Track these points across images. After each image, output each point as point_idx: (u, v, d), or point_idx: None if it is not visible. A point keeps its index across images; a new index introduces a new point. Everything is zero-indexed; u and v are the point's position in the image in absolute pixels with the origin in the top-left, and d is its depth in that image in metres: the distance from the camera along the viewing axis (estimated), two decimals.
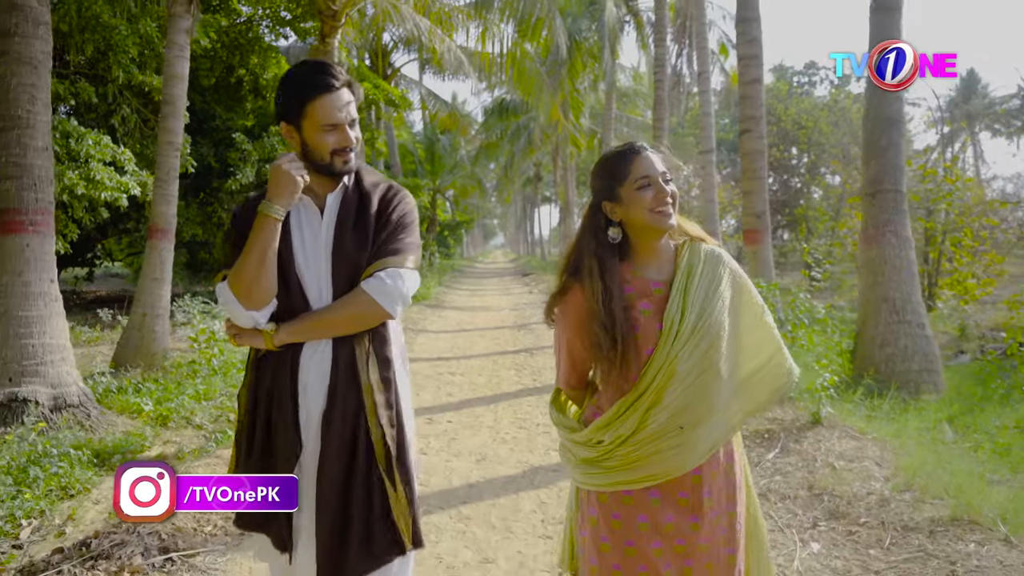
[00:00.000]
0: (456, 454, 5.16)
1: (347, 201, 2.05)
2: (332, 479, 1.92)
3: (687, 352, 1.80)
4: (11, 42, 5.40)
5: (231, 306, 1.94)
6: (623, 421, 1.83)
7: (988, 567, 3.04)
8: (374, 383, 1.97)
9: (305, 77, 1.94)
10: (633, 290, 1.90)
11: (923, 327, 6.82)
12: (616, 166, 1.91)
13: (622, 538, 1.86)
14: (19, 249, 5.32)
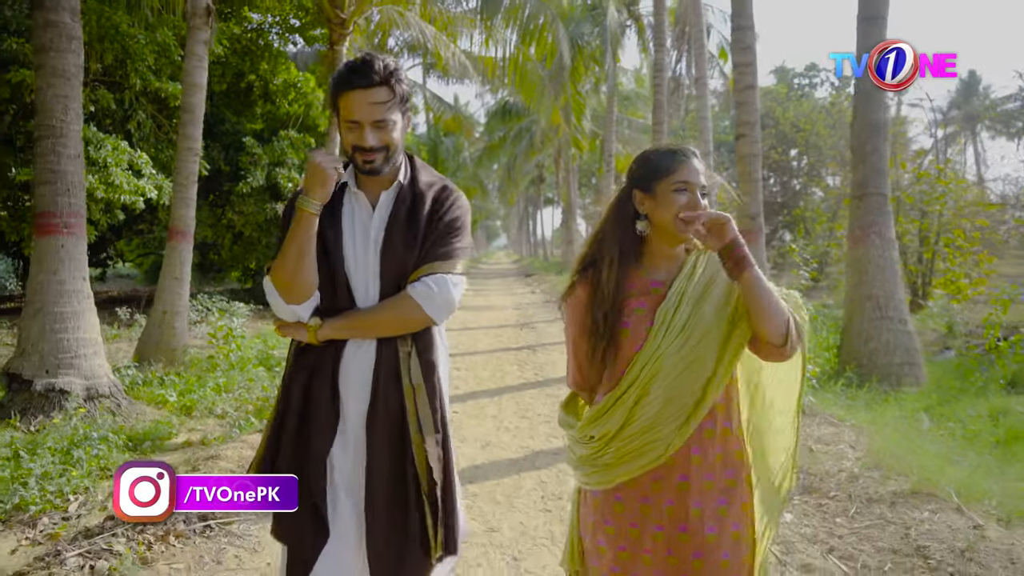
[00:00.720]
0: (463, 440, 5.53)
1: (400, 199, 2.03)
2: (380, 484, 1.92)
3: (675, 347, 1.82)
4: (47, 56, 5.78)
5: (273, 299, 1.95)
6: (609, 416, 1.85)
7: (938, 530, 3.41)
8: (416, 386, 1.96)
9: (343, 71, 1.94)
10: (634, 287, 1.91)
11: (905, 323, 7.18)
12: (663, 161, 1.89)
13: (616, 542, 1.86)
14: (54, 249, 5.71)
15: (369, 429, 1.94)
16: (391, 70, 1.92)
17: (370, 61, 1.90)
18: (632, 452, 1.83)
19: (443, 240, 1.99)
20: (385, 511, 1.91)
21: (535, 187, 48.07)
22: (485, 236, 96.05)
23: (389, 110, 1.92)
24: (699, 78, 13.16)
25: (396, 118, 1.95)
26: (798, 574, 3.15)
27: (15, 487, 3.95)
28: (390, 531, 1.91)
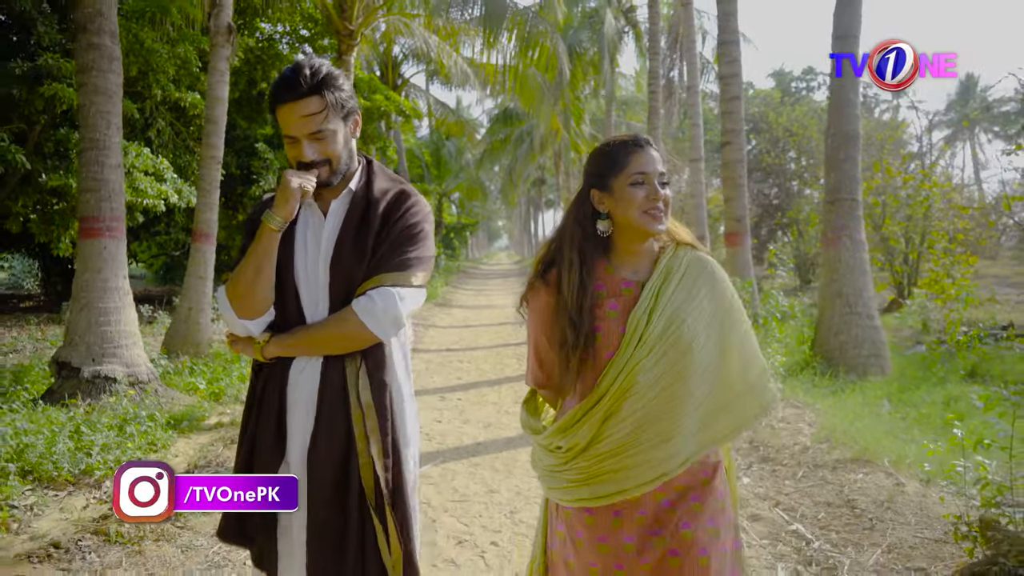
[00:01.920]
0: (466, 422, 6.16)
1: (353, 208, 1.93)
2: (321, 505, 1.83)
3: (651, 361, 1.70)
4: (90, 76, 6.41)
5: (226, 312, 1.88)
6: (579, 428, 1.75)
7: (867, 488, 4.03)
8: (365, 407, 1.85)
9: (274, 84, 1.85)
10: (603, 288, 1.81)
11: (872, 318, 7.80)
12: (614, 155, 1.81)
13: (585, 558, 1.79)
14: (98, 251, 6.33)
15: (311, 452, 1.85)
16: (321, 77, 1.81)
17: (296, 71, 1.80)
18: (600, 475, 1.74)
19: (397, 249, 1.87)
20: (327, 536, 1.83)
21: (536, 189, 48.75)
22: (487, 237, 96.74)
23: (325, 120, 1.83)
24: (691, 86, 13.78)
25: (335, 127, 1.86)
26: (748, 523, 3.76)
27: (80, 456, 4.57)
28: (330, 558, 1.82)
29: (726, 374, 1.77)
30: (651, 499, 1.74)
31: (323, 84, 1.81)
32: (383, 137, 18.25)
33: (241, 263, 1.86)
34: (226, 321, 1.91)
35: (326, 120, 1.83)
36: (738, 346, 1.80)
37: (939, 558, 3.18)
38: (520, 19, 12.81)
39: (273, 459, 1.87)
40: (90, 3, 6.39)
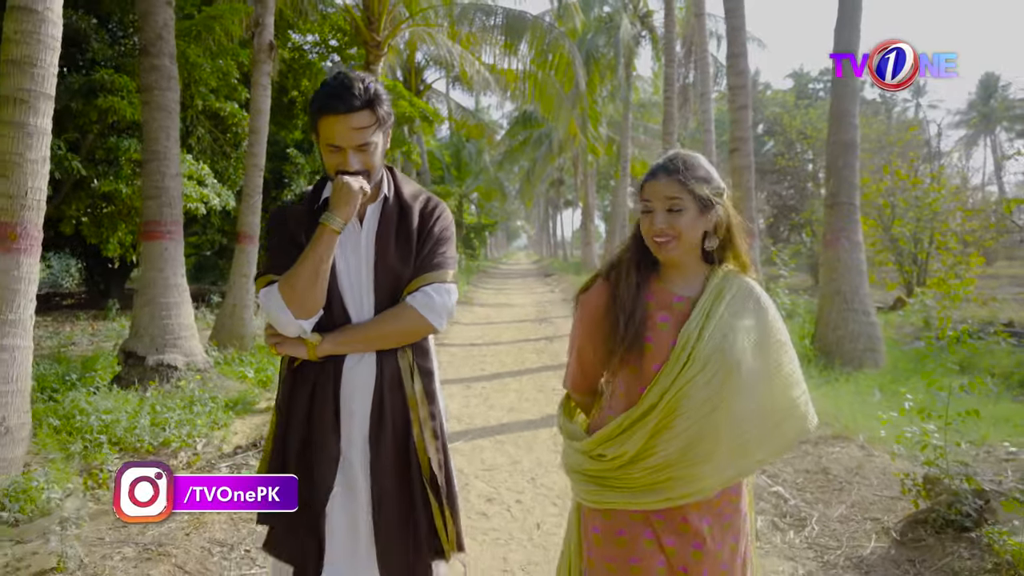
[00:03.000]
0: (491, 407, 6.81)
1: (387, 213, 2.05)
2: (387, 492, 1.96)
3: (704, 379, 1.74)
4: (152, 94, 7.12)
5: (279, 313, 1.92)
6: (628, 437, 1.78)
7: (842, 458, 4.63)
8: (418, 396, 1.99)
9: (322, 93, 1.92)
10: (653, 299, 1.86)
11: (868, 315, 8.36)
12: (642, 182, 1.90)
13: (627, 555, 1.82)
14: (160, 252, 7.03)
15: (373, 439, 1.96)
16: (372, 93, 1.91)
17: (350, 84, 1.89)
18: (647, 485, 1.79)
19: (435, 251, 2.03)
20: (394, 517, 1.95)
21: (555, 189, 49.37)
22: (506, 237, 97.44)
23: (372, 134, 1.92)
24: (703, 93, 14.34)
25: (377, 140, 1.96)
26: None
27: (157, 430, 5.26)
28: (399, 535, 1.95)
29: (769, 397, 1.80)
30: (694, 512, 1.80)
31: (374, 99, 1.91)
32: (407, 142, 18.93)
33: (298, 265, 1.90)
34: (276, 322, 1.94)
35: (373, 134, 1.93)
36: (781, 370, 1.84)
37: (892, 511, 3.78)
38: (540, 32, 13.44)
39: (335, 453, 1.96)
40: (151, 28, 7.10)
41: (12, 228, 4.21)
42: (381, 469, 1.95)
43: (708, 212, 1.82)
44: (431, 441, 1.98)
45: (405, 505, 1.96)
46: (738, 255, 1.89)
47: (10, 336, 4.24)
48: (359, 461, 1.97)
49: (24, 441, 4.40)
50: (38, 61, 4.26)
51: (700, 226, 1.82)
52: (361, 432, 1.97)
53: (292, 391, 2.00)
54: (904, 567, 3.23)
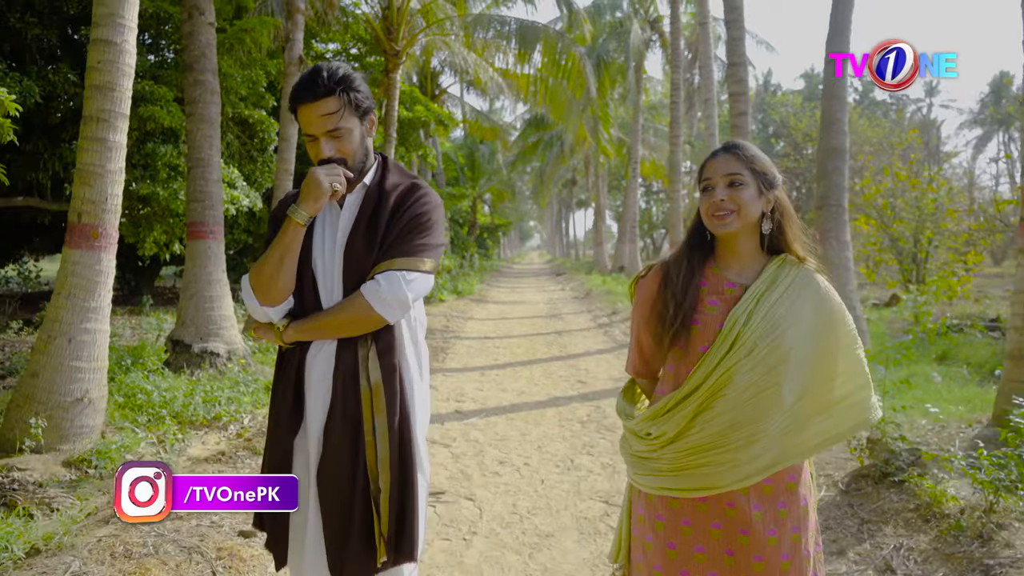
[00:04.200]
0: (504, 391, 7.50)
1: (367, 200, 2.03)
2: (333, 486, 1.93)
3: (749, 364, 1.76)
4: (196, 107, 7.85)
5: (248, 300, 1.97)
6: (671, 416, 1.82)
7: None
8: (374, 388, 1.93)
9: (294, 87, 1.95)
10: (706, 284, 1.89)
11: (854, 309, 8.97)
12: (702, 166, 1.93)
13: (664, 539, 1.85)
14: (204, 250, 7.76)
15: (327, 430, 1.95)
16: (338, 78, 1.92)
17: (315, 74, 1.92)
18: (686, 468, 1.82)
19: (405, 236, 1.98)
20: (337, 511, 1.92)
21: (568, 190, 49.95)
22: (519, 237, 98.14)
23: (342, 119, 1.93)
24: (707, 99, 14.97)
25: (350, 125, 1.96)
26: None
27: (209, 406, 5.98)
28: (340, 532, 1.92)
29: (820, 387, 1.80)
30: (741, 495, 1.80)
31: (339, 85, 1.92)
32: (423, 145, 19.64)
33: (264, 255, 1.95)
34: (248, 308, 2.00)
35: (343, 119, 1.94)
36: (837, 361, 1.83)
37: (843, 468, 4.44)
38: (551, 41, 14.12)
39: (288, 436, 1.97)
40: (196, 47, 7.84)
41: (95, 228, 4.93)
42: (329, 465, 1.93)
43: (767, 193, 1.86)
44: (382, 437, 1.91)
45: (348, 503, 1.92)
46: (791, 243, 1.89)
47: (92, 321, 4.96)
48: (313, 455, 1.96)
49: (102, 411, 5.12)
50: (116, 86, 4.98)
51: (759, 205, 1.85)
52: (318, 425, 1.96)
53: (277, 377, 2.06)
54: (845, 510, 3.89)
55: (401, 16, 13.95)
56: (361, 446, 1.91)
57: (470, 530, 3.89)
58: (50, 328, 4.89)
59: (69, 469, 4.61)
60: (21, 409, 4.77)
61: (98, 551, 3.24)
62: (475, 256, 30.15)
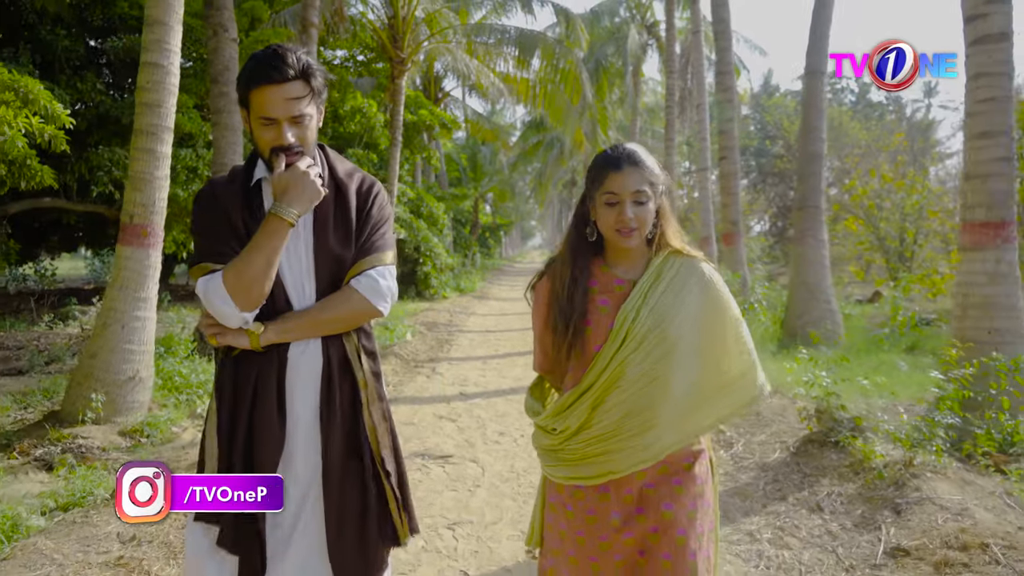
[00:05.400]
0: (503, 377, 8.20)
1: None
2: (338, 481, 1.92)
3: (639, 356, 1.83)
4: (221, 117, 8.55)
5: (222, 305, 1.82)
6: (570, 413, 1.89)
7: (772, 406, 5.96)
8: (368, 378, 1.97)
9: (254, 64, 1.85)
10: (596, 284, 1.93)
11: (829, 303, 9.67)
12: (595, 172, 1.92)
13: (573, 528, 1.92)
14: None
15: (325, 426, 1.92)
16: (305, 64, 1.86)
17: (283, 54, 1.83)
18: (588, 457, 1.88)
19: (375, 233, 1.99)
20: (346, 507, 1.91)
21: (568, 190, 50.59)
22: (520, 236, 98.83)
23: (306, 105, 1.87)
24: (699, 104, 15.66)
25: (312, 112, 1.91)
26: None
27: None
28: (352, 525, 1.91)
29: (710, 370, 1.87)
30: (636, 479, 1.87)
31: (307, 69, 1.86)
32: (427, 148, 20.33)
33: (248, 256, 1.82)
34: (218, 314, 1.85)
35: (307, 105, 1.87)
36: (724, 346, 1.90)
37: (795, 435, 5.12)
38: (549, 49, 14.81)
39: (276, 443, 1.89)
40: (220, 62, 8.53)
41: (145, 228, 5.62)
42: (331, 458, 1.92)
43: (656, 201, 1.92)
44: (381, 423, 1.97)
45: (356, 493, 1.93)
46: (670, 239, 1.96)
47: (142, 309, 5.66)
48: (302, 451, 1.92)
49: (150, 389, 5.81)
50: (163, 103, 5.67)
51: (653, 213, 1.92)
52: (306, 421, 1.93)
53: (235, 380, 1.92)
54: (792, 467, 4.58)
55: (406, 25, 14.62)
56: (363, 435, 1.94)
57: (474, 484, 4.59)
58: (106, 316, 5.59)
59: (124, 438, 5.30)
60: (81, 386, 5.46)
61: None
62: (477, 255, 30.83)
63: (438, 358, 9.51)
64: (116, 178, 11.42)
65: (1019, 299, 5.53)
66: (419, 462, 5.02)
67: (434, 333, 11.60)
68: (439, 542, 3.69)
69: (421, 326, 11.88)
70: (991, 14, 5.51)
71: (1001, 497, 3.81)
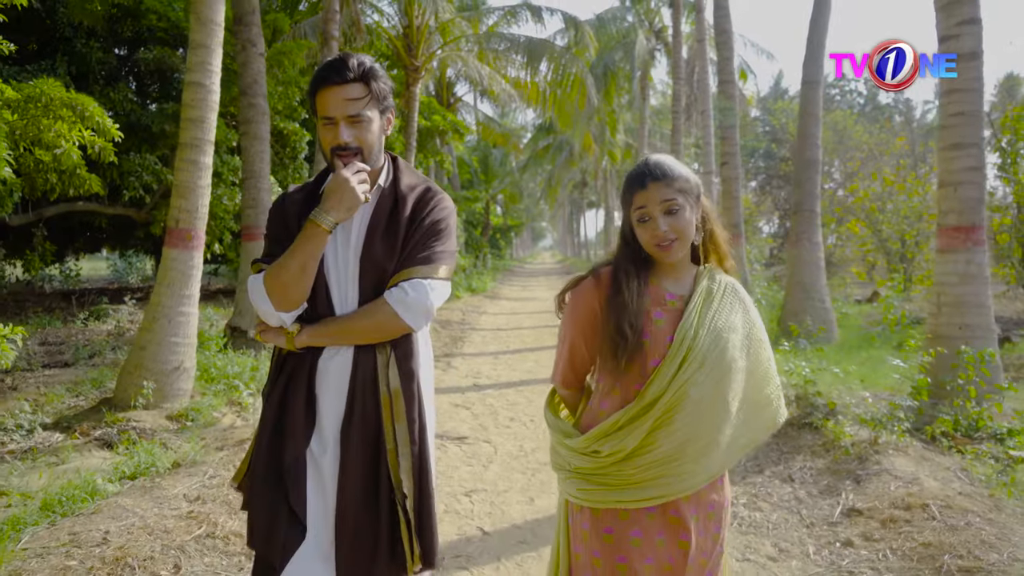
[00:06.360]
0: (514, 370, 8.76)
1: (381, 204, 1.99)
2: (352, 492, 1.89)
3: (701, 377, 1.77)
4: (250, 127, 9.13)
5: (261, 304, 1.90)
6: (626, 433, 1.79)
7: None
8: (393, 394, 1.92)
9: (319, 70, 1.92)
10: (648, 296, 1.87)
11: (824, 302, 10.18)
12: (625, 191, 1.89)
13: (614, 553, 1.83)
14: (256, 251, 9.03)
15: (344, 436, 1.92)
16: (367, 68, 1.91)
17: (345, 59, 1.90)
18: (644, 481, 1.80)
19: (423, 244, 1.96)
20: (355, 520, 1.89)
21: (579, 191, 51.13)
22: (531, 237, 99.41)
23: (365, 107, 1.90)
24: (704, 111, 16.16)
25: (372, 115, 1.93)
26: None
27: None
28: (359, 540, 1.89)
29: (751, 392, 1.86)
30: (683, 502, 1.82)
31: (368, 73, 1.91)
32: (440, 152, 20.92)
33: (285, 259, 1.87)
34: (259, 311, 1.93)
35: (366, 107, 1.91)
36: (761, 366, 1.90)
37: None
38: (556, 57, 15.36)
39: (302, 441, 1.91)
40: (249, 75, 9.12)
41: (189, 232, 6.20)
42: (348, 471, 1.90)
43: (696, 208, 1.87)
44: (404, 445, 1.92)
45: (369, 511, 1.90)
46: (718, 247, 1.94)
47: (186, 305, 6.24)
48: (328, 461, 1.92)
49: (192, 378, 6.39)
50: (205, 119, 6.25)
51: (694, 222, 1.87)
52: (332, 428, 1.93)
53: (274, 380, 1.99)
54: (771, 446, 5.11)
55: (421, 34, 15.21)
56: (383, 453, 1.91)
57: (488, 460, 5.15)
58: (154, 311, 6.17)
59: (171, 421, 5.88)
60: (132, 375, 6.04)
61: (221, 463, 4.50)
62: (488, 256, 31.39)
63: (453, 353, 10.08)
64: (146, 183, 12.02)
65: (988, 297, 6.03)
66: (437, 442, 5.58)
67: (448, 330, 12.16)
68: (458, 506, 4.25)
69: (436, 323, 12.44)
70: (962, 35, 6.00)
71: (955, 472, 4.33)
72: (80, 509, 3.72)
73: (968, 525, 3.46)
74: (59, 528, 3.45)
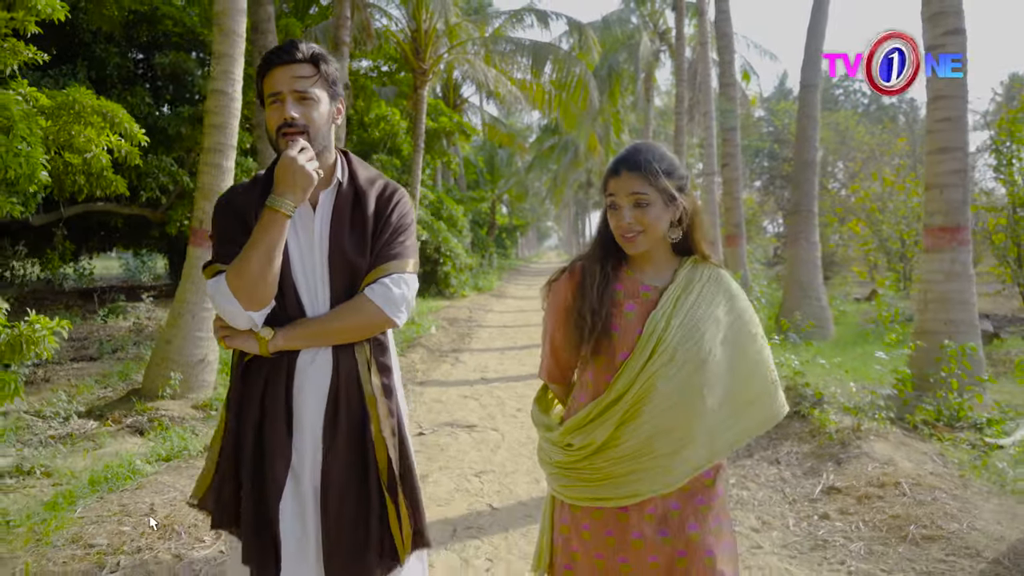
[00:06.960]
0: (522, 365, 9.11)
1: (341, 199, 1.95)
2: (339, 491, 1.88)
3: (672, 371, 1.74)
4: (264, 130, 9.47)
5: (228, 305, 1.81)
6: (596, 426, 1.79)
7: None
8: (377, 393, 1.92)
9: (266, 55, 1.88)
10: (622, 288, 1.85)
11: (820, 300, 10.50)
12: (605, 176, 1.85)
13: (591, 549, 1.84)
14: None
15: (327, 439, 1.89)
16: (316, 51, 1.89)
17: (295, 42, 1.88)
18: (613, 477, 1.79)
19: (393, 240, 1.95)
20: (343, 520, 1.87)
21: (584, 191, 51.42)
22: (536, 237, 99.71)
23: (313, 85, 1.87)
24: (706, 112, 16.47)
25: (320, 95, 1.89)
26: None
27: None
28: (349, 539, 1.87)
29: (736, 386, 1.80)
30: (659, 497, 1.79)
31: (318, 56, 1.89)
32: (447, 152, 21.28)
33: (247, 252, 1.79)
34: (225, 314, 1.84)
35: (313, 85, 1.87)
36: (749, 359, 1.83)
37: None
38: (560, 61, 15.70)
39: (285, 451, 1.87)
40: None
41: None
42: (332, 469, 1.88)
43: (672, 204, 1.82)
44: (390, 438, 1.91)
45: (357, 506, 1.89)
46: (700, 245, 1.89)
47: (209, 302, 6.58)
48: (309, 461, 1.90)
49: (215, 371, 6.75)
50: (227, 125, 6.60)
51: (666, 218, 1.82)
52: (313, 431, 1.90)
53: (243, 387, 1.91)
54: (762, 434, 5.43)
55: (428, 38, 15.54)
56: (370, 450, 1.90)
57: (496, 446, 5.49)
58: (179, 307, 6.53)
59: (197, 410, 6.23)
60: (159, 367, 6.40)
61: None
62: (494, 255, 31.73)
63: (460, 349, 10.43)
64: (162, 184, 12.39)
65: (972, 295, 6.34)
66: (448, 430, 5.93)
67: (455, 327, 12.51)
68: (468, 485, 4.59)
69: (443, 321, 12.80)
70: (948, 44, 6.31)
71: (930, 456, 4.66)
72: (123, 486, 4.08)
73: (934, 500, 3.80)
74: (108, 501, 3.81)
